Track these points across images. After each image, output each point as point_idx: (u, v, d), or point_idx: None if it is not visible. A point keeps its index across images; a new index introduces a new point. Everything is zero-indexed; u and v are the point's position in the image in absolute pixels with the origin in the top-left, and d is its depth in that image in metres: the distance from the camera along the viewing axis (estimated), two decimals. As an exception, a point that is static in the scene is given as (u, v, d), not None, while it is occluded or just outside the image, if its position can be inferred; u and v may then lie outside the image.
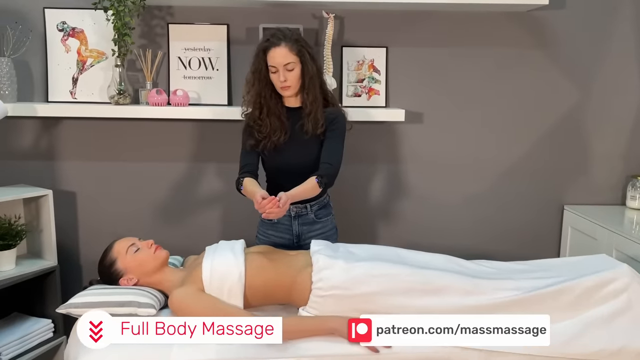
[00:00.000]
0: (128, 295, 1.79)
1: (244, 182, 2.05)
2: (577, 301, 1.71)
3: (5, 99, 2.34)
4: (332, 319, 1.71)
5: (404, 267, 1.79)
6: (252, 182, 2.05)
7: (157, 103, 2.40)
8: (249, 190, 2.01)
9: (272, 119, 2.08)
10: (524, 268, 1.96)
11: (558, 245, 2.74)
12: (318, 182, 1.98)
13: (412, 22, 2.55)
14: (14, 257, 2.33)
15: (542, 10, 2.52)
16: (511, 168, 2.68)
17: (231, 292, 1.77)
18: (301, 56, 2.03)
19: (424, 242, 2.61)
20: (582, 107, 2.65)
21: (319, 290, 1.75)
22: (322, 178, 1.98)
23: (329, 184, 2.03)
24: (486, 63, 2.60)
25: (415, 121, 2.61)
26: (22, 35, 2.39)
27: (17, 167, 2.55)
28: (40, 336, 2.37)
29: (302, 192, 1.97)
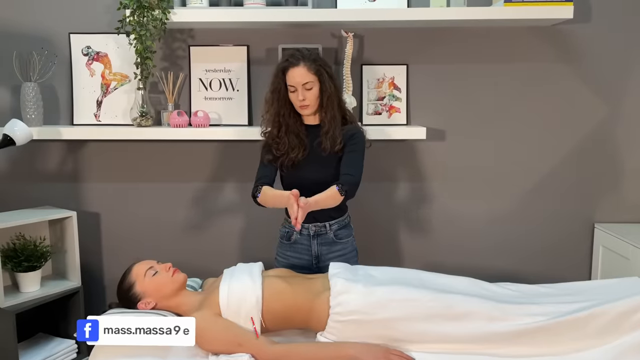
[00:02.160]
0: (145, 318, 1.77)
1: (262, 190, 2.02)
2: (609, 327, 1.63)
3: (31, 123, 2.39)
4: (351, 345, 1.67)
5: (425, 292, 1.74)
6: (271, 188, 2.03)
7: (178, 124, 2.43)
8: (270, 194, 1.99)
9: (290, 137, 2.08)
10: (550, 292, 1.89)
11: (589, 265, 2.64)
12: (338, 190, 1.94)
13: (433, 39, 2.52)
14: (39, 278, 2.38)
15: (567, 24, 2.47)
16: (538, 185, 2.61)
17: (248, 316, 1.75)
18: (319, 75, 2.03)
19: (448, 262, 2.57)
20: (611, 121, 2.57)
21: (338, 316, 1.72)
22: (342, 186, 1.95)
23: (349, 193, 1.97)
24: (510, 79, 2.54)
25: (438, 139, 2.57)
26: (47, 60, 2.45)
27: (43, 189, 2.60)
28: (64, 357, 2.40)
29: (323, 199, 1.92)
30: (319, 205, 1.91)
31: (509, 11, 2.30)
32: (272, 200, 1.99)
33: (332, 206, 1.98)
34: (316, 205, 1.88)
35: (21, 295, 2.31)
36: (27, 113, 2.42)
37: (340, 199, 1.96)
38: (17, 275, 2.32)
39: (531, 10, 2.29)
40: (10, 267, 2.30)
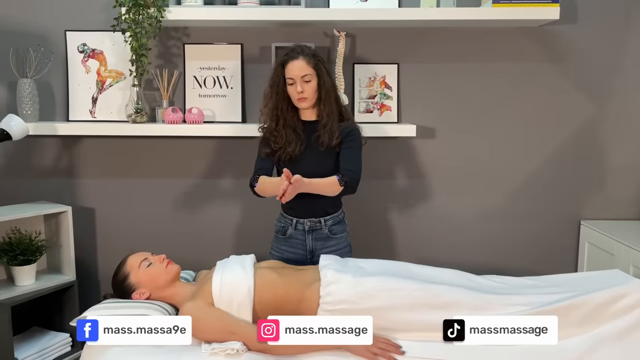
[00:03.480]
0: (140, 309, 1.81)
1: (259, 179, 2.07)
2: (588, 317, 1.68)
3: (27, 119, 2.42)
4: (340, 334, 1.71)
5: (411, 282, 1.79)
6: (267, 177, 2.08)
7: (172, 121, 2.46)
8: (267, 182, 2.04)
9: (287, 131, 2.12)
10: (534, 283, 1.93)
11: (575, 261, 2.70)
12: (338, 179, 1.98)
13: (423, 39, 2.57)
14: (34, 272, 2.40)
15: (554, 25, 2.52)
16: (525, 183, 2.66)
17: (240, 306, 1.79)
18: (318, 70, 2.08)
19: (438, 257, 2.61)
20: (597, 120, 2.62)
21: (327, 305, 1.76)
22: (342, 176, 1.99)
23: (349, 186, 2.01)
24: (498, 78, 2.60)
25: (428, 136, 2.62)
26: (44, 57, 2.48)
27: (38, 184, 2.63)
28: (58, 350, 2.42)
29: (319, 183, 1.97)
30: (313, 187, 1.95)
31: (497, 12, 2.35)
32: (269, 188, 2.03)
33: (328, 194, 2.02)
34: (309, 185, 1.93)
35: (16, 288, 2.33)
36: (23, 109, 2.45)
37: (337, 189, 2.00)
38: (13, 269, 2.35)
39: (518, 11, 2.35)
40: (6, 260, 2.33)
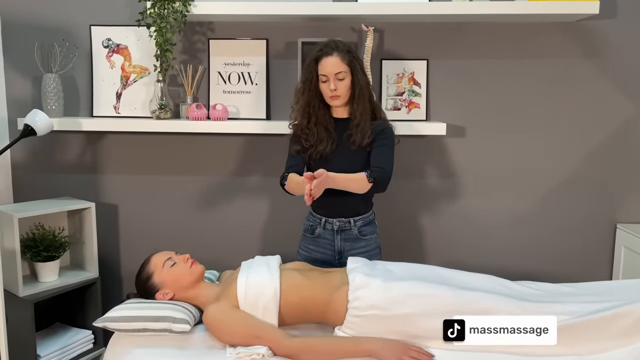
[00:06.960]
0: (163, 310, 1.78)
1: (289, 177, 2.02)
2: (633, 328, 1.59)
3: (51, 114, 2.41)
4: (369, 340, 1.65)
5: (445, 288, 1.72)
6: (297, 174, 2.02)
7: (196, 117, 2.43)
8: (295, 180, 1.98)
9: (319, 129, 2.07)
10: (571, 291, 1.85)
11: (610, 266, 2.59)
12: (367, 176, 1.92)
13: (454, 34, 2.49)
14: (57, 268, 2.39)
15: (592, 20, 2.42)
16: (560, 184, 2.57)
17: (266, 309, 1.74)
18: (352, 67, 2.02)
19: (468, 260, 2.55)
20: (635, 119, 2.51)
21: (356, 310, 1.70)
22: (371, 172, 1.93)
23: (378, 183, 1.95)
24: (532, 75, 2.50)
25: (458, 135, 2.54)
26: (68, 52, 2.47)
27: (62, 180, 2.62)
28: (80, 347, 2.42)
29: (347, 179, 1.92)
30: (340, 182, 1.90)
31: (533, 6, 2.26)
32: (296, 187, 1.99)
33: (356, 191, 1.96)
34: (336, 180, 1.88)
35: (40, 284, 2.33)
36: (48, 104, 2.44)
37: (366, 186, 1.94)
38: (36, 265, 2.34)
39: (555, 5, 2.25)
40: (30, 256, 2.32)
